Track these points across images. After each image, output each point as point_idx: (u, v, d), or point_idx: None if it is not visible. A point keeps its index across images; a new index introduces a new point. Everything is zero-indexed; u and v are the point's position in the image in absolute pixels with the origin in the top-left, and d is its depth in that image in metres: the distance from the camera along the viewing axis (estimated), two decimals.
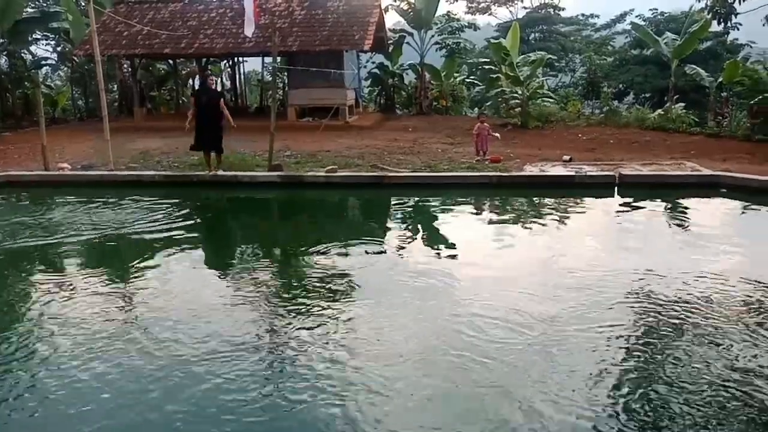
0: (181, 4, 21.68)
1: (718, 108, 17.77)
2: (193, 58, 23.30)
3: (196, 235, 7.84)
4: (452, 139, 15.30)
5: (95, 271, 6.34)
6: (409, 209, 9.32)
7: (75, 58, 22.26)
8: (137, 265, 6.42)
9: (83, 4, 20.86)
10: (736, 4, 11.11)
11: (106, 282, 5.89)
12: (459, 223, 8.21)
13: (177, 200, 9.40)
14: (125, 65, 22.05)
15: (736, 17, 11.70)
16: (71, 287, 5.72)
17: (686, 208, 9.03)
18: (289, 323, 4.81)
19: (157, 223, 7.91)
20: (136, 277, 6.10)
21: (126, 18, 19.57)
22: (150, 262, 6.50)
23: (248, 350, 4.31)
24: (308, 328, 4.67)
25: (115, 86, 23.78)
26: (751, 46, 23.84)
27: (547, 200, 9.17)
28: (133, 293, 5.66)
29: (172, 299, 5.39)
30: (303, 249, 7.14)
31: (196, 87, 21.67)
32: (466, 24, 26.01)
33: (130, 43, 19.41)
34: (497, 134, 12.45)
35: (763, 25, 11.15)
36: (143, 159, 12.61)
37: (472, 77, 26.18)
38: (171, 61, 24.11)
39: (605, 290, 5.35)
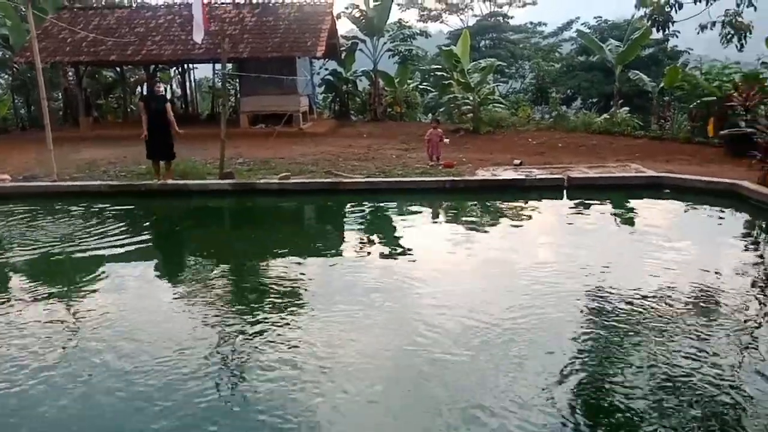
0: (127, 11, 21.24)
1: (661, 112, 18.46)
2: (141, 65, 22.79)
3: (144, 247, 7.60)
4: (406, 144, 15.40)
5: (36, 290, 6.07)
6: (364, 215, 9.33)
7: (15, 66, 21.44)
8: (82, 283, 6.20)
9: (23, 9, 20.14)
10: (672, 13, 11.57)
11: (49, 302, 5.64)
12: (414, 227, 8.25)
13: (124, 211, 9.16)
14: (70, 73, 21.38)
15: (673, 25, 12.17)
16: (9, 310, 5.48)
17: (632, 208, 9.33)
18: (245, 333, 4.73)
19: (103, 237, 7.64)
20: (81, 295, 5.88)
21: (70, 24, 18.99)
22: (95, 279, 6.28)
23: (204, 361, 4.22)
24: (264, 337, 4.60)
25: (60, 94, 23.00)
26: (689, 53, 24.87)
27: (499, 203, 9.33)
28: (79, 312, 5.45)
29: (121, 315, 5.21)
30: (257, 257, 7.07)
31: (144, 93, 21.22)
32: (418, 31, 26.32)
33: (74, 49, 18.84)
34: (447, 140, 12.60)
35: (698, 33, 11.66)
36: (89, 169, 12.22)
37: (425, 84, 26.44)
38: (118, 69, 23.51)
39: (558, 290, 5.46)
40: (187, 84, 25.23)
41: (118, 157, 13.31)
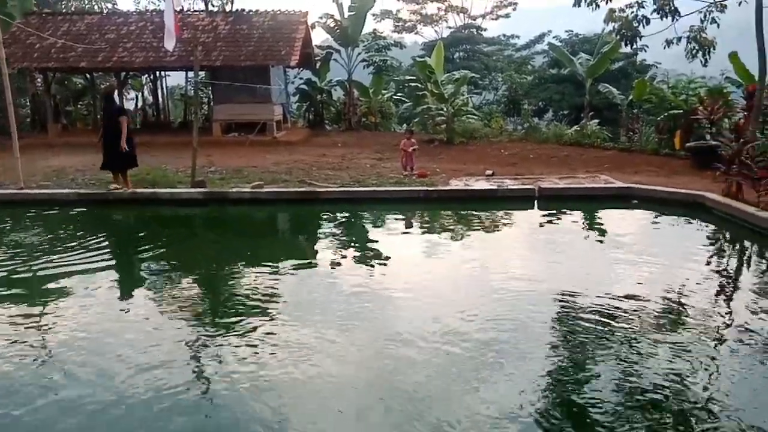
0: (98, 17, 20.98)
1: (630, 124, 18.82)
2: (112, 72, 22.47)
3: (113, 258, 7.46)
4: (381, 154, 15.44)
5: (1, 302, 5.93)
6: (338, 225, 9.31)
7: None
8: (48, 294, 6.05)
9: None
10: (640, 28, 11.86)
11: (15, 314, 5.52)
12: (387, 237, 8.27)
13: (93, 220, 9.00)
14: (38, 79, 20.97)
15: (641, 40, 12.48)
16: None
17: (601, 218, 9.50)
18: (217, 348, 4.67)
19: (70, 246, 7.49)
20: (47, 306, 5.72)
21: (38, 30, 18.64)
22: (61, 290, 6.13)
23: (174, 378, 4.15)
24: (235, 351, 4.55)
25: (28, 101, 22.52)
26: (657, 67, 25.44)
27: (471, 213, 9.40)
28: (46, 324, 5.31)
29: (88, 329, 5.11)
30: (228, 268, 6.99)
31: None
32: (393, 42, 26.50)
33: (42, 55, 18.51)
34: (416, 147, 12.64)
35: (664, 48, 11.97)
36: (57, 177, 11.98)
37: (399, 94, 26.58)
38: (88, 75, 23.15)
39: (529, 300, 5.52)
40: (159, 91, 24.94)
41: (87, 165, 13.05)
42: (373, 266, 6.95)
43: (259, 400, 3.81)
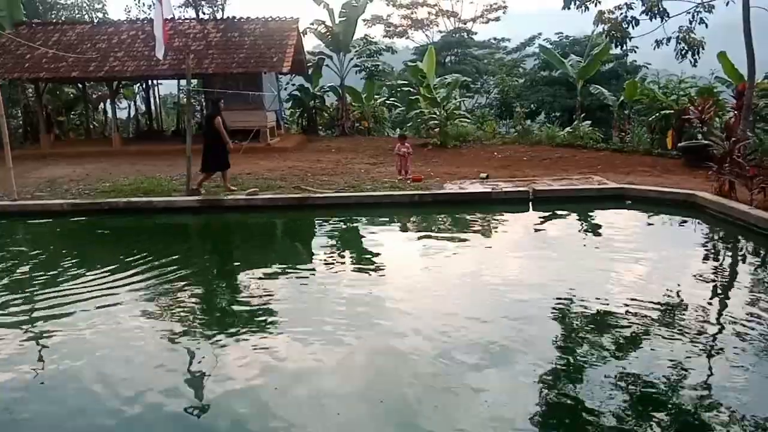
0: (89, 26, 20.95)
1: (621, 125, 18.95)
2: (104, 82, 22.43)
3: (109, 266, 7.44)
4: (375, 159, 15.48)
5: None
6: (334, 230, 9.31)
7: None
8: (44, 303, 6.04)
9: None
10: (630, 29, 11.96)
11: (10, 324, 5.50)
12: (383, 242, 8.27)
13: (88, 230, 8.96)
14: (29, 89, 20.90)
15: (630, 41, 12.58)
16: None
17: (596, 219, 9.54)
18: (215, 353, 4.67)
19: (65, 256, 7.48)
20: (45, 316, 5.71)
21: (29, 40, 18.57)
22: (57, 300, 6.11)
23: (174, 383, 4.15)
24: (234, 357, 4.55)
25: (19, 112, 22.45)
26: (647, 68, 25.61)
27: (467, 216, 9.43)
28: (43, 335, 5.31)
29: (84, 339, 5.10)
30: (226, 276, 6.99)
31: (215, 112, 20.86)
32: (384, 47, 26.57)
33: (33, 66, 18.44)
34: (410, 151, 12.67)
35: (654, 49, 12.08)
36: (50, 187, 11.94)
37: (392, 99, 26.65)
38: (80, 85, 23.10)
39: (526, 303, 5.54)
40: (152, 100, 24.93)
41: (81, 175, 13.03)
42: (370, 271, 6.96)
43: (257, 403, 3.81)
